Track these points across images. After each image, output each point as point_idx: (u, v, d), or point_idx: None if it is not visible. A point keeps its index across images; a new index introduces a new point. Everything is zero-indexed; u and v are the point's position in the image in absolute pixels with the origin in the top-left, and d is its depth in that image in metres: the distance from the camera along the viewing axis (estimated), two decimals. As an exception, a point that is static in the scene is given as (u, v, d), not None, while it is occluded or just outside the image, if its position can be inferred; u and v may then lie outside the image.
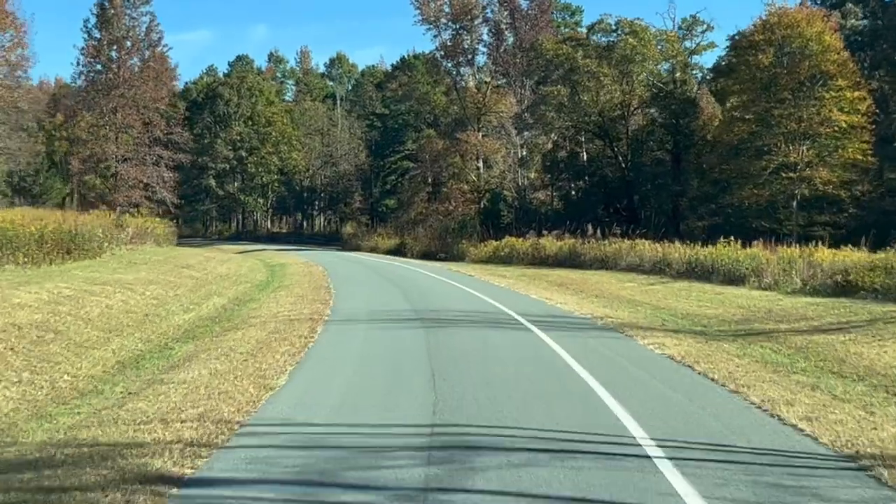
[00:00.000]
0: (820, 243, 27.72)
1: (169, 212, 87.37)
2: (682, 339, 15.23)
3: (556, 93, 57.41)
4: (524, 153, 67.66)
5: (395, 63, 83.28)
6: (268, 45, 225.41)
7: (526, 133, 66.49)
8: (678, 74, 58.85)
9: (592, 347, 13.93)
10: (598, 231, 43.32)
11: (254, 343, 14.28)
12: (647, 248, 34.23)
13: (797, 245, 31.20)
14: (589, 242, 40.06)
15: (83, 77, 67.54)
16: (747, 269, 26.63)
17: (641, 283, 28.95)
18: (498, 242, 50.89)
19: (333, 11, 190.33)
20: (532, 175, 68.98)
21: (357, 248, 72.70)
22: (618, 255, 35.82)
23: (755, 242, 29.43)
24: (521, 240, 49.23)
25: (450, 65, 74.91)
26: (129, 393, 10.96)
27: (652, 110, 60.80)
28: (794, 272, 24.84)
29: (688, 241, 36.45)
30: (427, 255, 59.56)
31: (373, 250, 69.62)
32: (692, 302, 22.53)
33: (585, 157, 63.27)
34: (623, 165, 58.95)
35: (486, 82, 74.84)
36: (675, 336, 15.61)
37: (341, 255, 53.93)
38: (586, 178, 61.64)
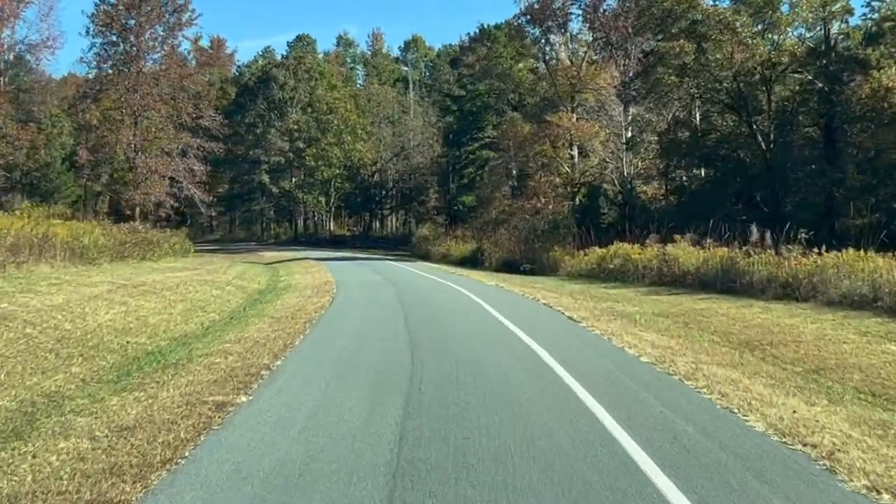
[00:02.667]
0: None
1: (199, 212, 75.25)
2: None
3: (677, 49, 42.10)
4: (629, 135, 52.34)
5: (471, 33, 69.12)
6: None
7: (633, 109, 51.63)
8: (836, 27, 43.30)
9: None
10: (769, 236, 27.80)
11: None
12: (886, 267, 18.85)
13: None
14: (756, 254, 24.74)
15: (94, 51, 54.89)
16: None
17: (924, 344, 13.89)
18: (604, 250, 35.97)
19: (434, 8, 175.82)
20: (638, 163, 53.88)
21: (426, 256, 58.83)
22: (819, 276, 20.62)
23: None
24: (635, 247, 34.35)
25: (537, 32, 60.15)
26: None
27: (803, 74, 45.15)
28: None
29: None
30: (509, 266, 45.16)
31: (444, 258, 55.61)
32: None
33: (713, 137, 47.62)
34: (763, 147, 43.12)
35: (580, 55, 59.98)
36: None
37: (394, 269, 39.70)
38: (718, 163, 45.97)
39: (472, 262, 51.65)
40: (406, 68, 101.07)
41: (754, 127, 43.90)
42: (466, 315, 18.32)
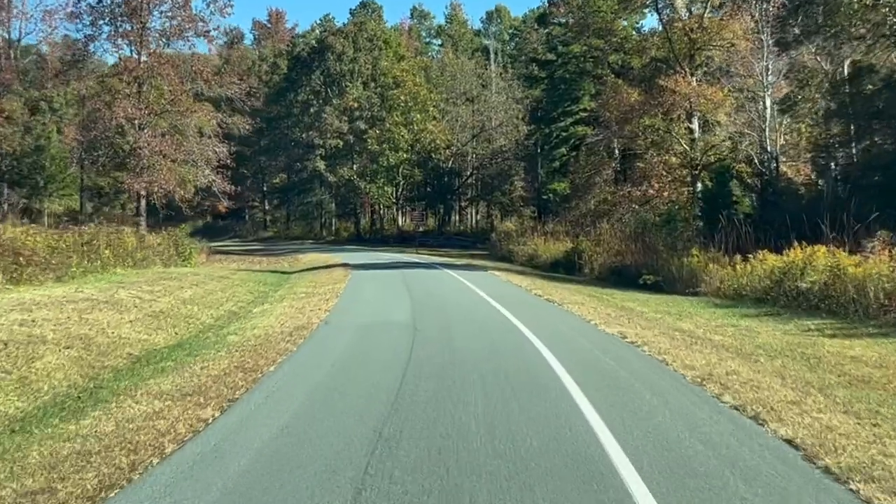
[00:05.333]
0: None
1: (254, 206, 63.26)
2: None
3: (871, -43, 27.67)
4: (769, 101, 38.04)
5: (563, -17, 55.39)
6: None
7: (776, 62, 37.68)
8: None
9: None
10: None
11: None
12: None
13: None
14: None
15: (86, 1, 42.93)
16: None
17: None
18: (787, 259, 21.80)
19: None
20: (786, 134, 39.91)
21: (508, 257, 46.15)
22: None
23: None
24: (841, 252, 20.25)
25: (646, -27, 46.44)
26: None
27: None
28: None
29: None
30: (619, 275, 31.83)
31: (530, 261, 42.82)
32: None
33: None
34: None
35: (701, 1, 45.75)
36: None
37: (448, 287, 26.03)
38: (927, 124, 31.03)
39: (566, 266, 38.44)
40: (487, 42, 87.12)
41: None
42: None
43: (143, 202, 42.65)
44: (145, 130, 41.23)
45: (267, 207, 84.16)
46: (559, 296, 21.61)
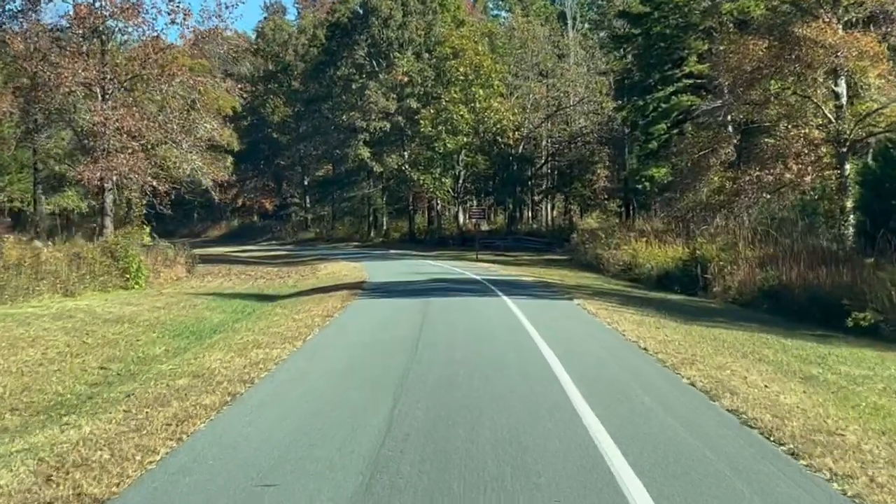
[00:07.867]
0: None
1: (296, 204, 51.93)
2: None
3: None
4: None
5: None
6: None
7: None
8: None
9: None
10: None
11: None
12: None
13: None
14: None
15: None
16: None
17: None
18: None
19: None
20: None
21: (594, 265, 35.08)
22: None
23: None
24: None
25: None
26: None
27: None
28: None
29: None
30: (776, 300, 19.65)
31: (626, 271, 31.26)
32: None
33: None
34: None
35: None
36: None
37: (500, 349, 13.65)
38: None
39: (682, 281, 26.56)
40: (565, 7, 74.39)
41: None
42: None
43: (110, 197, 32.01)
44: (108, 101, 30.53)
45: (308, 204, 73.29)
46: (751, 389, 9.21)
